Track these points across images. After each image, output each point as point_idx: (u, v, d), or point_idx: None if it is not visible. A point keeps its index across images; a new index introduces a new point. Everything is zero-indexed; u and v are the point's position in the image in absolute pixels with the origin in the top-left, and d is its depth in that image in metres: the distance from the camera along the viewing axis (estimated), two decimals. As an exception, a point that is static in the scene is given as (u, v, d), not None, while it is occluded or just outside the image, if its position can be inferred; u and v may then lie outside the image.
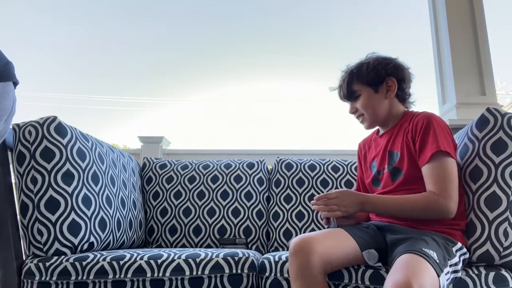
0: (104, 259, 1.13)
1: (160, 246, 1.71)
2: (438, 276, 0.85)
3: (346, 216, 1.11)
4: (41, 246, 1.16)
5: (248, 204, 1.73)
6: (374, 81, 1.23)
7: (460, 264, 1.01)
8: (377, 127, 1.35)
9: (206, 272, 1.13)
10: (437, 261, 0.88)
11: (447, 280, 0.91)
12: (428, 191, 1.07)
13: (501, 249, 1.06)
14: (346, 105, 1.35)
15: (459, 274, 0.99)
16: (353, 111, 1.29)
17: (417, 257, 0.87)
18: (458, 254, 1.01)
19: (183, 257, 1.16)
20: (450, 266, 0.94)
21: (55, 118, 1.24)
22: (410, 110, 1.29)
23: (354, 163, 1.75)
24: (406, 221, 1.12)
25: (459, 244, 1.05)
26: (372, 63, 1.24)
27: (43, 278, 1.11)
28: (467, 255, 1.07)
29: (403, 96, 1.26)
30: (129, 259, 1.14)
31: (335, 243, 1.01)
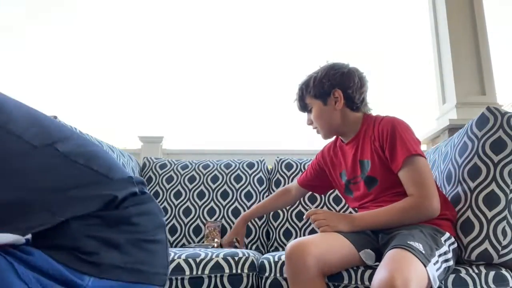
0: (104, 259, 1.13)
1: (160, 246, 1.71)
2: (425, 266, 0.86)
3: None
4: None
5: (248, 204, 1.73)
6: (321, 94, 1.24)
7: (450, 254, 1.01)
8: (335, 136, 1.35)
9: (206, 272, 1.13)
10: (423, 252, 0.89)
11: (437, 270, 0.91)
12: (409, 195, 1.08)
13: (500, 248, 1.06)
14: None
15: (450, 263, 1.00)
16: (309, 123, 1.32)
17: (402, 251, 0.88)
18: (447, 243, 1.02)
19: (183, 256, 1.16)
20: (439, 256, 0.95)
21: (55, 118, 1.25)
22: (369, 113, 1.28)
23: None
24: None
25: (447, 234, 1.06)
26: (320, 75, 1.25)
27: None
28: (455, 245, 1.08)
29: (352, 105, 1.25)
30: (129, 259, 1.14)
31: (331, 245, 1.02)
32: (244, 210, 1.71)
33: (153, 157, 1.94)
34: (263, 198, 1.76)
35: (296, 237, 1.63)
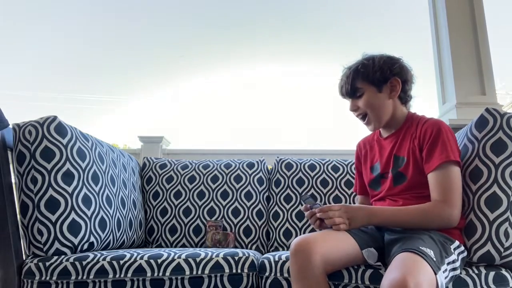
0: (104, 259, 1.13)
1: (160, 246, 1.71)
2: (435, 273, 0.85)
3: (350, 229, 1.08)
4: (41, 246, 1.16)
5: (248, 204, 1.73)
6: (379, 80, 1.20)
7: (459, 262, 1.01)
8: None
9: (206, 271, 1.13)
10: (434, 259, 0.88)
11: (445, 278, 0.91)
12: (433, 200, 1.07)
13: (502, 250, 1.06)
14: (347, 104, 1.34)
15: (457, 272, 1.00)
16: (355, 108, 1.25)
17: (414, 255, 0.87)
18: (456, 252, 1.02)
19: (183, 256, 1.16)
20: (448, 264, 0.95)
21: (55, 118, 1.24)
22: (412, 112, 1.28)
23: (354, 162, 1.75)
24: None
25: (457, 243, 1.06)
26: (378, 61, 1.21)
27: (43, 278, 1.11)
28: (465, 253, 1.08)
29: (405, 98, 1.25)
30: (129, 259, 1.14)
31: (335, 243, 1.01)
32: (244, 210, 1.72)
33: (153, 157, 1.94)
34: (263, 198, 1.76)
35: (296, 237, 1.63)
